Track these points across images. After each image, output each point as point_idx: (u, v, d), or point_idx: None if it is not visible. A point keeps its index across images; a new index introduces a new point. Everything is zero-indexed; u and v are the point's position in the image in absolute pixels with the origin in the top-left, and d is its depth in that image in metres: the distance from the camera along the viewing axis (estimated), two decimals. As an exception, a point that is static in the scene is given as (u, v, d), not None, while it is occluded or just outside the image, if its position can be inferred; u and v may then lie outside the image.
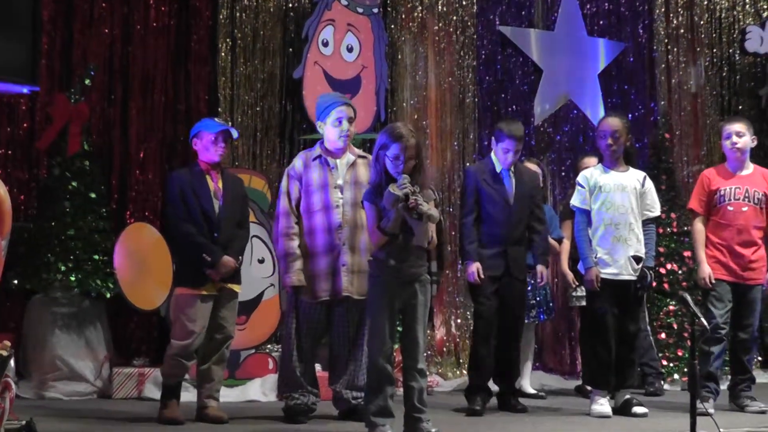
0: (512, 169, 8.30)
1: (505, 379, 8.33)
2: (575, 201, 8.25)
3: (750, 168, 8.39)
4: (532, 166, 9.16)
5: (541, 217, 8.42)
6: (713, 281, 8.17)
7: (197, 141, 7.80)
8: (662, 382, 9.79)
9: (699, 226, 8.41)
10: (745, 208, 8.21)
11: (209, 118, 8.37)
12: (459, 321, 11.16)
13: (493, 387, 8.35)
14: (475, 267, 8.13)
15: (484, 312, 8.25)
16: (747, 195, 8.23)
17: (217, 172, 7.83)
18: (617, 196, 8.08)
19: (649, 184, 8.23)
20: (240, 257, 7.76)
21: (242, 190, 8.12)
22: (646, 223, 8.15)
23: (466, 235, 8.35)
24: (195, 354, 7.65)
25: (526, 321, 8.95)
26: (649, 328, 9.86)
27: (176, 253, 7.98)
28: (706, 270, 8.21)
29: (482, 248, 8.23)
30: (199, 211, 7.64)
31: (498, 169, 8.29)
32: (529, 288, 9.08)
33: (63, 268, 8.86)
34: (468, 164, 11.32)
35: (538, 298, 9.50)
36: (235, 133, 7.92)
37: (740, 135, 8.30)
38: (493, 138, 8.45)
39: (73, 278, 8.88)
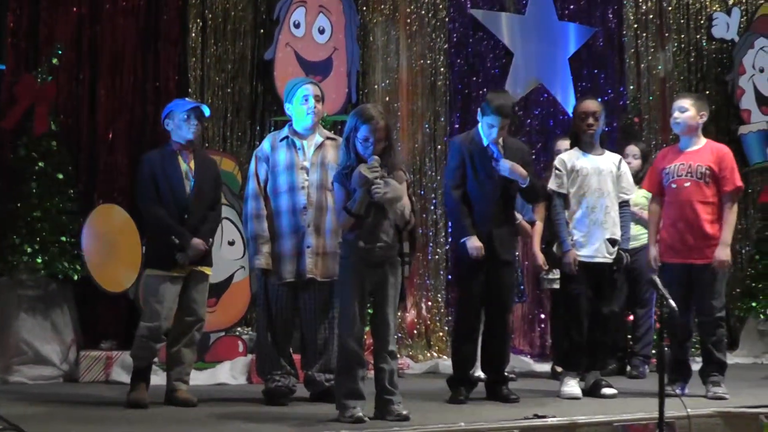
0: (500, 143, 7.90)
1: (494, 368, 8.07)
2: (552, 185, 8.16)
3: (700, 144, 8.19)
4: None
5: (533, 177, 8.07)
6: (659, 264, 8.09)
7: (169, 121, 7.73)
8: (646, 367, 9.75)
9: (651, 207, 8.37)
10: (687, 184, 8.01)
11: (180, 98, 8.26)
12: (430, 303, 11.15)
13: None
14: (477, 242, 7.72)
15: (469, 302, 8.04)
16: (689, 170, 8.03)
17: (189, 152, 7.75)
18: (594, 180, 8.04)
19: (625, 167, 8.21)
20: (210, 239, 7.69)
21: (215, 170, 8.03)
22: (621, 205, 8.10)
23: (457, 210, 7.96)
24: (164, 336, 7.58)
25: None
26: (654, 314, 9.85)
27: (146, 235, 7.94)
28: (652, 252, 8.14)
29: None
30: (170, 192, 7.58)
31: (485, 143, 7.93)
32: None
33: (29, 250, 8.76)
34: (439, 146, 11.33)
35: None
36: (207, 111, 7.84)
37: (683, 110, 8.13)
38: (479, 109, 8.06)
39: (39, 260, 8.76)
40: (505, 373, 8.07)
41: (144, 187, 7.69)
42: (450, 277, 11.28)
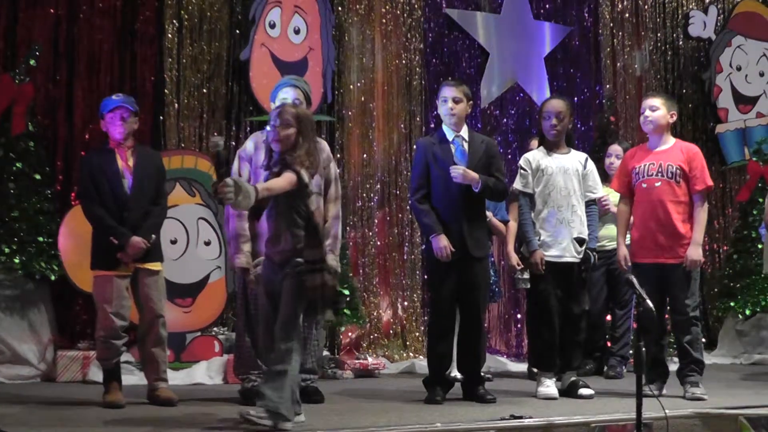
0: (465, 137, 8.01)
1: (470, 368, 8.10)
2: (517, 185, 8.20)
3: (669, 143, 8.25)
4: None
5: (501, 178, 7.99)
6: (629, 263, 8.16)
7: (102, 122, 7.80)
8: (624, 367, 9.80)
9: (620, 207, 8.42)
10: (657, 183, 8.07)
11: (109, 96, 8.10)
12: (406, 303, 11.18)
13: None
14: (443, 241, 7.76)
15: (441, 302, 8.04)
16: (660, 170, 8.10)
17: (126, 149, 7.76)
18: (560, 179, 8.09)
19: (591, 166, 8.25)
20: (153, 235, 7.64)
21: (157, 164, 7.99)
22: (588, 204, 8.17)
23: (418, 210, 8.08)
24: (124, 333, 7.64)
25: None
26: (632, 314, 9.90)
27: (92, 236, 7.91)
28: (621, 252, 8.21)
29: None
30: (108, 190, 7.61)
31: (450, 137, 8.01)
32: None
33: (7, 249, 8.78)
34: (415, 146, 11.36)
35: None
36: (132, 107, 7.80)
37: (653, 109, 8.19)
38: (437, 100, 8.20)
39: (17, 260, 8.78)
40: (482, 374, 8.12)
41: (83, 187, 7.81)
42: (426, 276, 11.27)
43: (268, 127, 7.29)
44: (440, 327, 8.04)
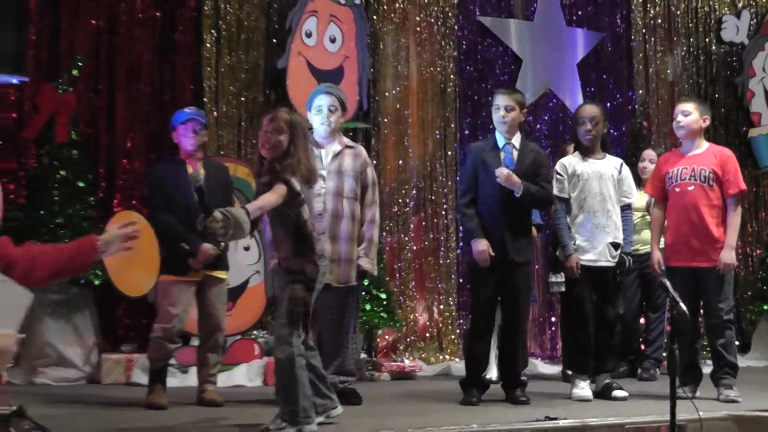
0: (516, 145, 7.99)
1: (508, 370, 8.10)
2: (554, 190, 8.13)
3: (702, 147, 8.19)
4: None
5: (548, 187, 7.95)
6: (663, 267, 8.10)
7: (174, 134, 7.93)
8: (657, 370, 9.78)
9: (654, 212, 8.38)
10: (691, 188, 8.01)
11: (182, 109, 8.29)
12: (441, 307, 11.21)
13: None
14: (483, 245, 7.75)
15: (480, 306, 8.06)
16: (693, 174, 8.03)
17: (196, 160, 7.90)
18: (595, 184, 8.08)
19: (626, 171, 8.23)
20: (222, 244, 7.70)
21: (225, 176, 8.15)
22: (622, 209, 8.16)
23: (462, 215, 8.16)
24: (179, 338, 7.81)
25: None
26: (666, 318, 9.87)
27: (160, 242, 7.98)
28: (655, 256, 8.17)
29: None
30: (180, 200, 7.67)
31: (501, 143, 8.01)
32: None
33: (52, 256, 8.79)
34: (450, 152, 11.43)
35: None
36: (202, 119, 8.00)
37: (686, 114, 8.14)
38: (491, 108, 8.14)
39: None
40: (522, 377, 8.12)
41: (152, 196, 7.93)
42: (461, 280, 11.34)
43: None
44: (478, 329, 8.04)
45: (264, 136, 6.22)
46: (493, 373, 9.09)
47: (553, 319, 11.63)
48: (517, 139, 8.01)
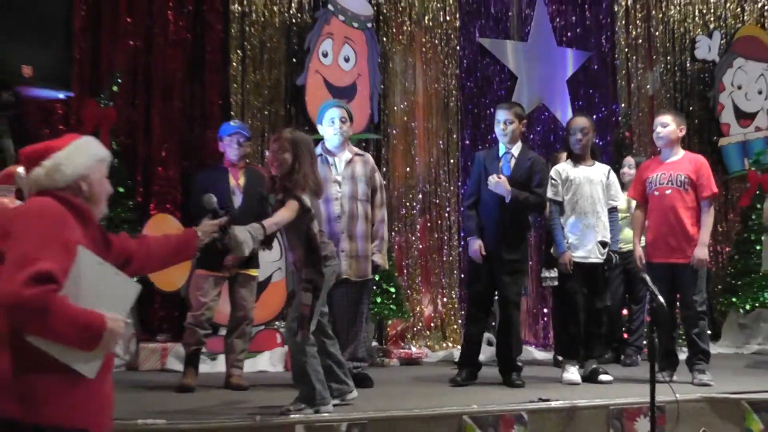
0: (515, 154, 8.06)
1: (503, 356, 8.13)
2: (549, 193, 8.18)
3: (679, 155, 8.23)
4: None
5: (539, 192, 7.98)
6: (644, 262, 8.13)
7: (220, 143, 8.01)
8: (639, 356, 9.76)
9: (636, 213, 8.45)
10: (669, 191, 8.05)
11: (228, 121, 8.43)
12: (445, 300, 11.19)
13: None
14: (476, 244, 7.93)
15: (474, 296, 8.24)
16: (671, 179, 8.08)
17: (238, 169, 7.95)
18: (586, 188, 8.10)
19: (613, 177, 8.27)
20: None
21: (262, 186, 8.06)
22: (610, 211, 8.17)
23: (465, 215, 8.43)
24: (208, 325, 7.86)
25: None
26: (646, 309, 9.86)
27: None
28: (637, 252, 8.19)
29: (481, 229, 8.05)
30: (219, 206, 7.61)
31: (501, 152, 8.11)
32: None
33: (95, 254, 8.79)
34: (452, 160, 11.43)
35: None
36: (246, 133, 8.03)
37: (665, 125, 8.19)
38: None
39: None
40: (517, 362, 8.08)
41: (194, 201, 7.78)
42: (462, 275, 11.29)
43: (318, 148, 7.54)
44: (471, 315, 8.24)
45: (271, 156, 6.28)
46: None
47: (545, 310, 11.59)
48: (517, 149, 8.08)
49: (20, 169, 5.32)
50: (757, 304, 11.81)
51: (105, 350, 3.73)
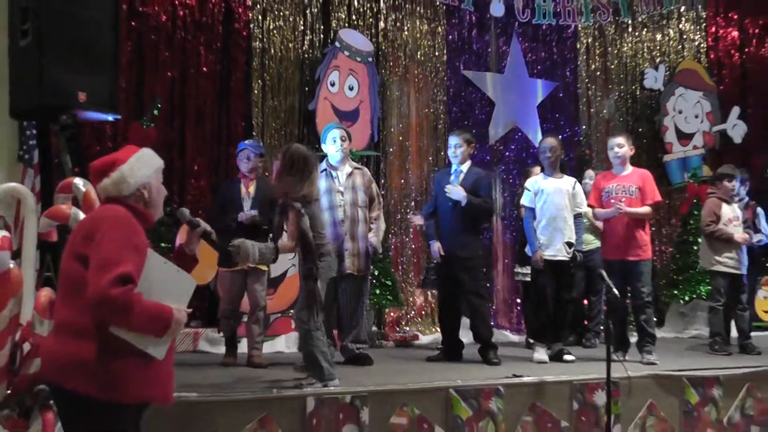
0: (464, 170, 8.16)
1: (475, 338, 8.19)
2: (524, 201, 8.24)
3: (629, 169, 8.33)
4: None
5: (486, 200, 8.09)
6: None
7: (237, 158, 8.04)
8: (597, 340, 9.75)
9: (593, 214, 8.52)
10: (623, 199, 8.15)
11: (243, 140, 8.39)
12: (434, 291, 11.11)
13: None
14: (435, 246, 8.13)
15: (440, 288, 8.57)
16: (624, 189, 8.20)
17: (250, 180, 7.94)
18: (555, 197, 8.07)
19: (579, 188, 8.24)
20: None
21: (271, 194, 8.04)
22: (576, 216, 8.14)
23: (426, 225, 8.52)
24: (235, 315, 7.92)
25: None
26: (603, 300, 9.80)
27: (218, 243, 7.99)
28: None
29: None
30: (233, 211, 7.75)
31: (453, 169, 8.25)
32: None
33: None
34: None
35: None
36: (256, 149, 8.03)
37: (620, 146, 8.29)
38: None
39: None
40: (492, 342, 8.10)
41: (214, 209, 8.07)
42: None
43: (323, 163, 7.78)
44: (440, 303, 8.62)
45: (278, 169, 6.35)
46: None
47: (518, 300, 11.55)
48: (466, 166, 8.21)
49: (77, 180, 5.32)
50: (694, 296, 11.80)
51: (172, 336, 3.81)
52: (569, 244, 8.01)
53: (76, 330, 3.73)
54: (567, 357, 7.98)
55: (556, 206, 8.06)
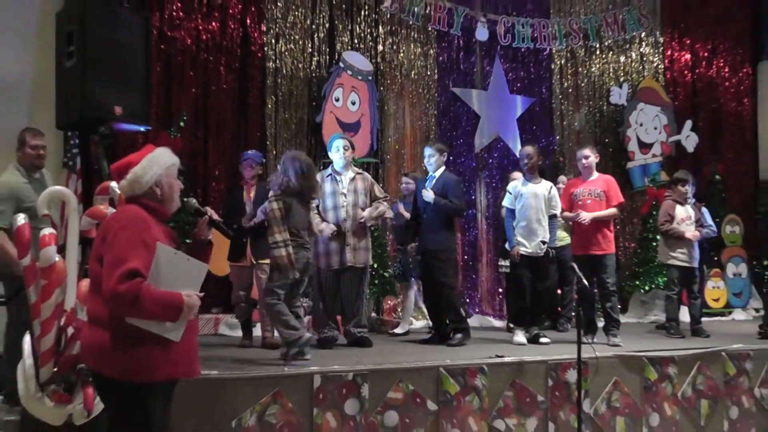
0: (436, 176, 8.14)
1: (441, 325, 8.24)
2: (505, 203, 8.21)
3: (595, 176, 8.36)
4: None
5: (454, 200, 8.02)
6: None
7: (240, 166, 8.12)
8: (569, 324, 9.75)
9: (564, 215, 8.46)
10: (588, 201, 8.20)
11: (246, 151, 8.40)
12: (404, 283, 11.14)
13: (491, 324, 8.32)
14: (411, 245, 8.24)
15: (422, 281, 8.49)
16: (590, 193, 8.23)
17: (251, 186, 7.98)
18: (532, 201, 8.04)
19: (554, 192, 8.18)
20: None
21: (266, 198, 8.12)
22: (551, 217, 8.11)
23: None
24: (247, 302, 7.92)
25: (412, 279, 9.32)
26: (574, 289, 9.74)
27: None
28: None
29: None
30: (237, 213, 7.81)
31: (429, 175, 8.24)
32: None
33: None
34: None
35: (411, 265, 9.31)
36: (258, 159, 8.06)
37: (587, 157, 8.33)
38: None
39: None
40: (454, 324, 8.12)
41: (227, 209, 8.04)
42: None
43: (329, 169, 7.87)
44: (424, 293, 8.44)
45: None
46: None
47: (500, 290, 11.56)
48: (439, 172, 8.20)
49: (113, 184, 5.32)
50: (653, 286, 11.83)
51: (186, 319, 3.78)
52: (543, 242, 7.99)
53: (101, 321, 3.74)
54: (543, 340, 7.95)
55: (532, 209, 8.02)
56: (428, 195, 7.95)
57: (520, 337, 8.00)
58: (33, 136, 6.51)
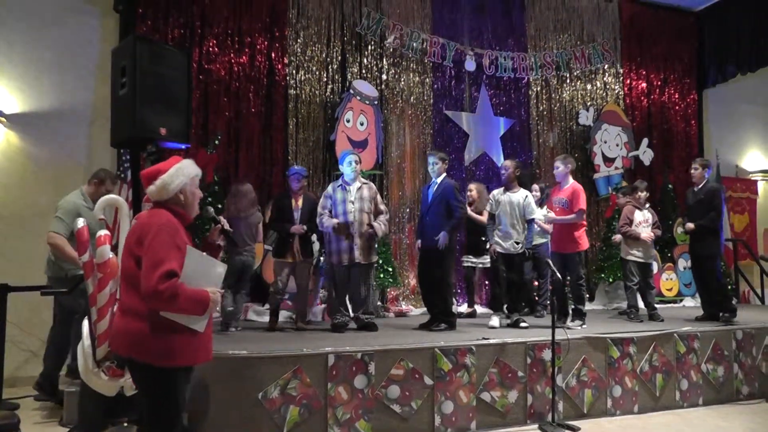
0: (438, 182, 8.06)
1: (434, 311, 8.09)
2: (487, 208, 8.27)
3: (568, 183, 8.34)
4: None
5: (451, 210, 7.87)
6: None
7: (288, 179, 8.18)
8: (545, 311, 9.71)
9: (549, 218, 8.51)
10: (557, 208, 8.30)
11: (293, 166, 8.51)
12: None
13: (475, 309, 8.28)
14: (418, 243, 8.08)
15: (419, 275, 8.31)
16: (559, 200, 8.30)
17: (298, 195, 8.07)
18: (508, 207, 8.06)
19: (530, 199, 8.15)
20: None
21: (314, 205, 8.14)
22: (528, 221, 8.09)
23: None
24: (282, 293, 7.95)
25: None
26: (549, 281, 9.69)
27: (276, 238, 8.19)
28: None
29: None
30: (287, 219, 7.89)
31: (431, 181, 8.20)
32: None
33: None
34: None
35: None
36: (303, 173, 8.12)
37: (556, 167, 8.40)
38: None
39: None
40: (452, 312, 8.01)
41: (272, 215, 8.13)
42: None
43: (339, 180, 7.83)
44: (420, 285, 8.38)
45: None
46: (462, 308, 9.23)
47: (486, 282, 11.48)
48: (440, 179, 8.11)
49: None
50: (617, 278, 11.79)
51: (210, 313, 3.79)
52: (517, 243, 7.99)
53: (136, 313, 3.71)
54: (522, 324, 7.94)
55: (509, 215, 8.04)
56: (442, 238, 7.72)
57: (494, 321, 7.99)
58: (112, 183, 6.92)
